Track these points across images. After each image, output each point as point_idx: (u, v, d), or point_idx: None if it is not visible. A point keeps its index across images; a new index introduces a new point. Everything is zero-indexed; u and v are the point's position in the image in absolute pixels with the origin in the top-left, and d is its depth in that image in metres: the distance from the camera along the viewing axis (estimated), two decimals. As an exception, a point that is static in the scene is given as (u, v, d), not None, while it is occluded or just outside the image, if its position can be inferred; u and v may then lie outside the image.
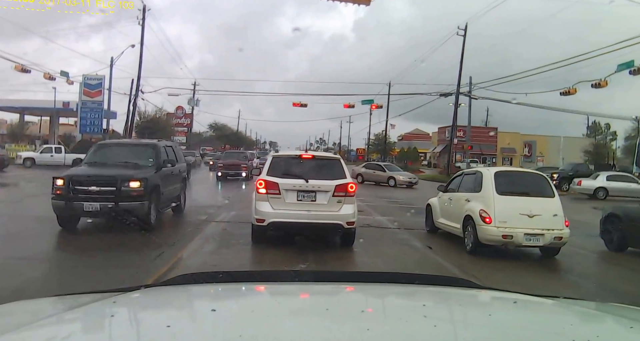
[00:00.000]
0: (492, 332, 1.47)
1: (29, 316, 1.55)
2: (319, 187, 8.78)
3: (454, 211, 10.44)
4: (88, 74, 45.17)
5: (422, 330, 1.42)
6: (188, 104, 61.80)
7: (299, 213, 8.70)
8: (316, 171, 9.05)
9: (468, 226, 9.55)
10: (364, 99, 50.85)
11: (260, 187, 8.84)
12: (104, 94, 44.67)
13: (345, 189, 8.87)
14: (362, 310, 1.67)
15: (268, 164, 9.26)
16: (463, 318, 1.70)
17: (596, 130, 75.77)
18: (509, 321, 1.63)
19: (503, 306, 1.89)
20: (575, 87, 30.85)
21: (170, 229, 11.32)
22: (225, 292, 1.96)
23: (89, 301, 1.66)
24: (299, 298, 1.89)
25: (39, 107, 51.59)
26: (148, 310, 1.69)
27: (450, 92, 44.12)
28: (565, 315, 1.77)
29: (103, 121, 45.18)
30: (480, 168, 10.24)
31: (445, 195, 11.27)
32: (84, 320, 1.54)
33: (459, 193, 10.47)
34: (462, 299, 1.92)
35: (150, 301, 1.78)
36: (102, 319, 1.54)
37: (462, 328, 1.55)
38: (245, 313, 1.58)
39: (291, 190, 8.77)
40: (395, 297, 1.97)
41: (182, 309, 1.74)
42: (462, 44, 41.98)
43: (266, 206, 8.74)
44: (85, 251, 8.61)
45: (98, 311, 1.58)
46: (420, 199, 21.74)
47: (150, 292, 1.89)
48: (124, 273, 6.84)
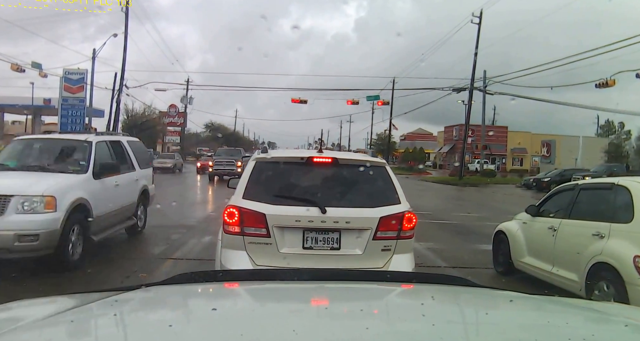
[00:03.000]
0: (489, 330, 1.47)
1: (30, 316, 1.52)
2: (348, 221, 4.53)
3: (564, 251, 6.17)
4: (68, 67, 40.86)
5: (421, 329, 1.41)
6: (181, 102, 57.93)
7: None
8: (340, 190, 4.83)
9: (602, 281, 5.31)
10: (369, 95, 46.53)
11: (231, 221, 4.55)
12: (87, 90, 40.45)
13: (398, 225, 4.61)
14: (362, 309, 1.64)
15: (247, 176, 4.81)
16: (461, 317, 1.69)
17: (610, 129, 71.63)
18: (506, 319, 1.64)
19: (500, 304, 1.87)
20: (614, 79, 26.37)
21: (95, 273, 6.97)
22: (225, 291, 1.96)
23: (90, 300, 1.64)
24: (299, 297, 1.83)
25: (18, 104, 46.85)
26: (149, 309, 1.70)
27: (463, 87, 39.92)
28: (561, 314, 1.74)
29: (86, 118, 41.00)
30: (620, 180, 5.86)
31: (538, 221, 6.98)
32: (85, 320, 1.53)
33: (573, 221, 6.17)
34: (460, 297, 1.91)
35: (151, 301, 1.78)
36: (103, 318, 1.53)
37: (460, 327, 1.53)
38: (246, 312, 1.59)
39: (291, 228, 4.51)
40: (395, 296, 1.97)
41: (183, 308, 1.73)
42: (476, 33, 37.74)
43: (241, 261, 4.44)
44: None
45: (99, 311, 1.58)
46: (450, 210, 18.57)
47: (151, 291, 1.85)
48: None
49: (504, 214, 11.52)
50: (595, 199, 6.16)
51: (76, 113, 41.53)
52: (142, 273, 6.89)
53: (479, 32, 37.57)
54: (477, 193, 26.21)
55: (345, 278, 2.15)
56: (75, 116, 41.60)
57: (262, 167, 4.89)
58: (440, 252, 9.26)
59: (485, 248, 8.84)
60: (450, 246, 10.05)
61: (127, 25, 38.05)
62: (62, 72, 40.45)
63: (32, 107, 45.34)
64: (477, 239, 10.78)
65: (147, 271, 7.03)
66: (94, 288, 4.78)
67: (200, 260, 7.77)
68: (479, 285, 2.20)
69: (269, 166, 4.94)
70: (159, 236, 9.87)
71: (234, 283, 2.06)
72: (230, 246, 4.59)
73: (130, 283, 6.28)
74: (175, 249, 8.67)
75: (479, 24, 37.56)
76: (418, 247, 9.45)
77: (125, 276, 6.74)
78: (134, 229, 9.68)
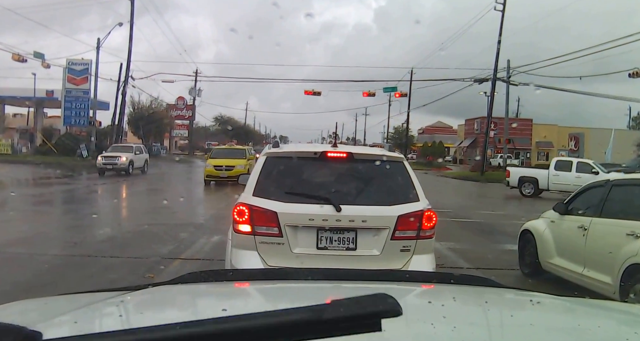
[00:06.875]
0: (515, 333, 1.44)
1: (34, 316, 1.54)
2: (364, 220, 4.48)
3: (595, 252, 6.07)
4: (72, 58, 41.17)
5: (441, 332, 1.40)
6: (189, 94, 58.10)
7: None
8: (356, 187, 4.77)
9: (638, 284, 5.22)
10: (386, 87, 46.30)
11: (241, 220, 4.54)
12: (91, 82, 40.75)
13: (417, 224, 4.55)
14: None
15: (257, 172, 4.77)
16: (485, 319, 1.65)
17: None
18: (533, 322, 1.58)
19: (526, 306, 1.82)
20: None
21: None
22: (236, 291, 1.96)
23: (94, 300, 1.63)
24: (314, 297, 1.82)
25: (20, 96, 47.23)
26: (156, 309, 1.70)
27: (485, 77, 39.56)
28: (592, 316, 1.73)
29: (90, 111, 41.33)
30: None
31: (567, 219, 6.86)
32: (89, 321, 1.52)
33: (605, 219, 6.06)
34: (483, 298, 1.86)
35: (158, 300, 1.77)
36: (108, 319, 1.53)
37: (484, 330, 1.51)
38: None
39: (305, 227, 4.48)
40: (413, 297, 1.96)
41: (191, 308, 1.72)
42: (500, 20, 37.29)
43: (252, 262, 4.43)
44: None
45: (104, 311, 1.57)
46: (472, 208, 18.30)
47: (159, 291, 1.84)
48: None
49: (530, 212, 11.40)
50: (629, 197, 6.05)
51: (80, 105, 41.99)
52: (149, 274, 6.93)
53: (502, 18, 37.15)
54: (500, 190, 25.92)
55: (362, 278, 2.13)
56: (79, 109, 42.07)
57: (273, 162, 4.85)
58: (462, 252, 9.17)
59: (511, 248, 8.77)
60: (473, 246, 9.97)
61: (132, 12, 38.36)
62: (66, 63, 40.87)
63: (34, 99, 45.69)
64: (502, 238, 10.69)
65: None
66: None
67: (210, 260, 7.78)
68: (503, 286, 2.16)
69: (280, 161, 4.91)
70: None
71: (245, 282, 2.06)
72: (240, 246, 4.57)
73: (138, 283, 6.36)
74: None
75: (503, 11, 37.15)
76: (439, 247, 9.40)
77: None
78: None
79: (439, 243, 9.85)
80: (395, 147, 54.34)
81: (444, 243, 9.82)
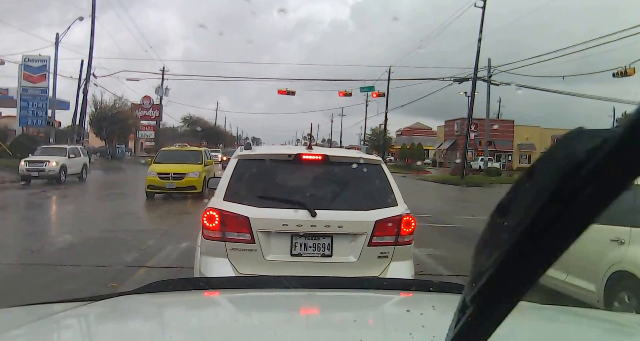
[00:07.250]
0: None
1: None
2: (340, 225, 4.48)
3: (578, 258, 6.11)
4: (29, 54, 40.46)
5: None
6: (156, 93, 57.58)
7: None
8: (332, 191, 4.75)
9: (623, 292, 5.35)
10: (363, 87, 46.59)
11: (211, 226, 4.50)
12: (50, 79, 40.08)
13: (395, 229, 4.57)
14: (355, 319, 1.66)
15: (229, 176, 4.75)
16: None
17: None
18: (515, 331, 1.52)
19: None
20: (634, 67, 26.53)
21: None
22: (206, 300, 1.96)
23: (51, 312, 1.59)
24: (287, 306, 1.83)
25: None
26: (120, 321, 1.66)
27: (466, 77, 40.04)
28: (576, 325, 1.76)
29: (48, 111, 40.64)
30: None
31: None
32: (46, 335, 1.48)
33: (589, 225, 6.18)
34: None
35: (122, 311, 1.73)
36: (67, 333, 1.52)
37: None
38: (229, 323, 1.59)
39: (278, 233, 4.48)
40: (392, 305, 1.98)
41: (158, 319, 1.71)
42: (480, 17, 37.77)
43: (223, 270, 4.38)
44: None
45: (62, 324, 1.55)
46: (452, 213, 18.29)
47: (123, 301, 1.81)
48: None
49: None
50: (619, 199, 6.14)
51: (38, 105, 41.28)
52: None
53: (483, 15, 37.58)
54: (481, 194, 26.33)
55: (338, 286, 2.14)
56: (36, 108, 41.33)
57: (245, 165, 4.84)
58: (442, 259, 9.30)
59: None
60: (453, 252, 10.03)
61: (94, 5, 37.90)
62: (22, 59, 40.19)
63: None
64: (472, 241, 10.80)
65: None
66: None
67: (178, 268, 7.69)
68: None
69: (252, 164, 4.91)
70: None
71: (215, 291, 2.06)
72: (210, 253, 4.54)
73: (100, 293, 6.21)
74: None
75: (483, 8, 37.64)
76: (418, 253, 9.46)
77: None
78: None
79: (418, 249, 9.92)
80: (372, 149, 54.82)
81: (423, 249, 9.93)
